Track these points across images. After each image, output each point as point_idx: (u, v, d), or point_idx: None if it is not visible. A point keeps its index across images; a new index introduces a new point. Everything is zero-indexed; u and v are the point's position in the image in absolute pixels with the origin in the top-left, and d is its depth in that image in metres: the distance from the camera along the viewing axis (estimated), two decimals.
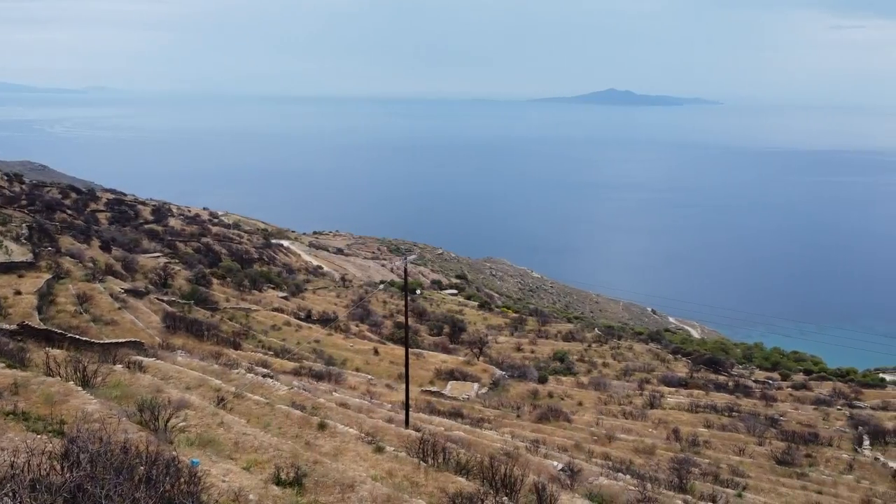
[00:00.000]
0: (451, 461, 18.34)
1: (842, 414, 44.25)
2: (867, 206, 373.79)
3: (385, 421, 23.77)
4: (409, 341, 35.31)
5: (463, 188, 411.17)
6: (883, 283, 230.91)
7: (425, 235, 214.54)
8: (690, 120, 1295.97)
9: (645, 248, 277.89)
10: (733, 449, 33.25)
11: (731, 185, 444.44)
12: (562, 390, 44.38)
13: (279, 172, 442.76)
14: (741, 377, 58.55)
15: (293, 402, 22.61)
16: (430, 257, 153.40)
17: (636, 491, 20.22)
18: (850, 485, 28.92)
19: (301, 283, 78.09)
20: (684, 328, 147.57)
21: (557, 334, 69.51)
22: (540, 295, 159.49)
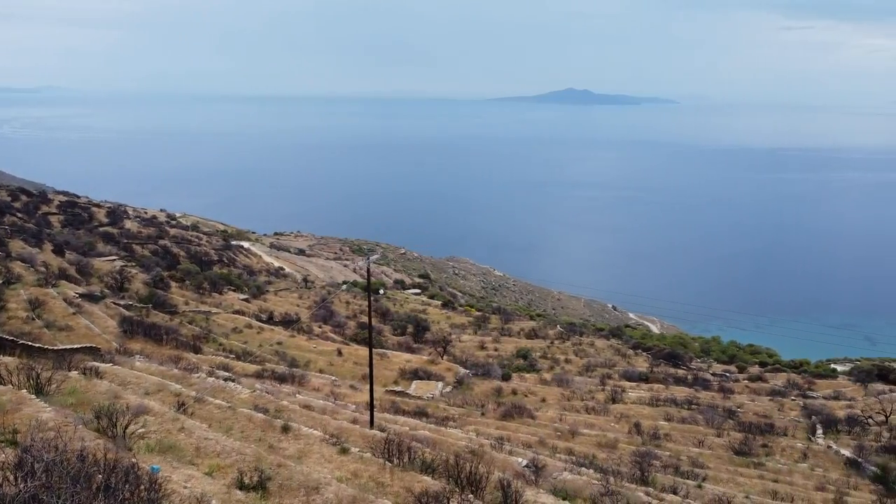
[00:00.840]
0: (416, 460, 18.35)
1: (796, 404, 45.50)
2: (817, 203, 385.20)
3: (350, 422, 23.64)
4: (373, 341, 35.14)
5: (425, 188, 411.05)
6: (833, 277, 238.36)
7: (388, 235, 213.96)
8: (648, 119, 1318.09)
9: (605, 245, 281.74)
10: (693, 441, 33.93)
11: (688, 183, 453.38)
12: (525, 387, 44.70)
13: (236, 173, 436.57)
14: (700, 371, 59.75)
15: (256, 406, 22.34)
16: (392, 257, 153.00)
17: (599, 485, 20.50)
18: (805, 473, 29.77)
19: (262, 284, 77.13)
20: (644, 324, 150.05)
21: (520, 332, 69.99)
22: (503, 293, 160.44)
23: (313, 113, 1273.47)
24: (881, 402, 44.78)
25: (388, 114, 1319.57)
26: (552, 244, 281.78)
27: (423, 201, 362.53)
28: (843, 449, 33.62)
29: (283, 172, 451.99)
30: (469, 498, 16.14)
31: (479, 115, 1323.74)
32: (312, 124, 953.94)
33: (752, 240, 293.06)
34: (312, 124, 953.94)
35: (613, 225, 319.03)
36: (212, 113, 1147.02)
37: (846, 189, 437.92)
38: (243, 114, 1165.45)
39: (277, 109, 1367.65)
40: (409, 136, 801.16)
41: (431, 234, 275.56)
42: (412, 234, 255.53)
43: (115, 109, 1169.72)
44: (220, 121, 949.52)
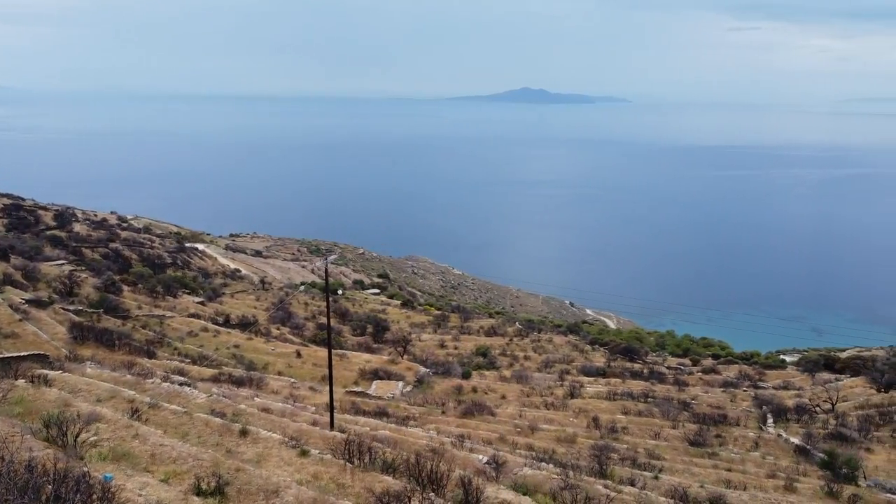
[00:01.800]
0: (377, 461, 18.31)
1: (747, 395, 46.78)
2: (766, 199, 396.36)
3: (309, 424, 23.45)
4: (332, 342, 34.91)
5: (383, 187, 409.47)
6: (781, 271, 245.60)
7: (346, 235, 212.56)
8: (602, 117, 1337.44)
9: (562, 243, 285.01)
10: (649, 433, 34.58)
11: (642, 181, 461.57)
12: (485, 385, 44.95)
13: (190, 174, 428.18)
14: (655, 364, 60.95)
15: (212, 410, 21.98)
16: (351, 257, 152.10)
17: (559, 479, 20.76)
18: (757, 461, 30.63)
19: (218, 287, 75.85)
20: (601, 319, 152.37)
21: (480, 330, 70.34)
22: (462, 291, 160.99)
23: (269, 112, 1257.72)
24: (828, 390, 46.36)
25: (345, 113, 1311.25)
26: (510, 242, 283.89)
27: (382, 201, 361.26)
28: (792, 437, 34.69)
29: (238, 173, 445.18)
30: (430, 496, 16.18)
31: (435, 115, 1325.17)
32: (268, 124, 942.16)
33: (705, 236, 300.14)
34: (268, 124, 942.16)
35: (570, 223, 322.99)
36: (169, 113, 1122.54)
37: (793, 185, 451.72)
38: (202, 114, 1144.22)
39: (232, 109, 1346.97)
40: (366, 135, 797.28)
41: (390, 233, 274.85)
42: (371, 233, 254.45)
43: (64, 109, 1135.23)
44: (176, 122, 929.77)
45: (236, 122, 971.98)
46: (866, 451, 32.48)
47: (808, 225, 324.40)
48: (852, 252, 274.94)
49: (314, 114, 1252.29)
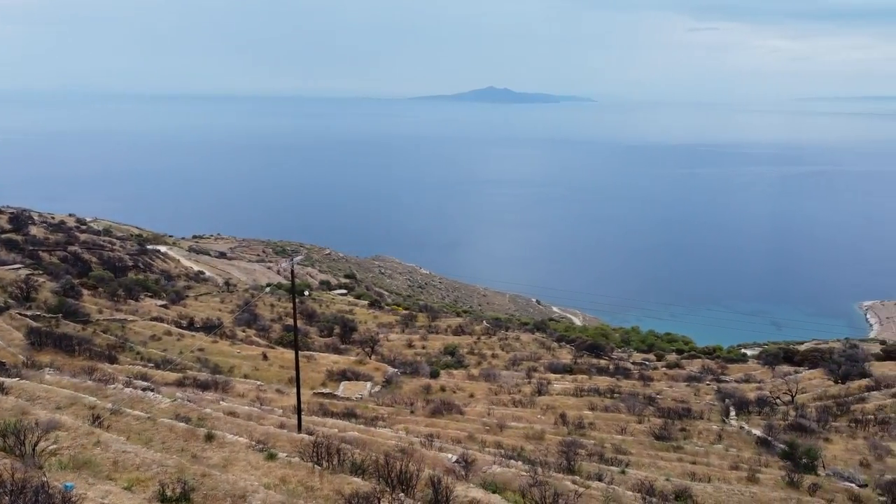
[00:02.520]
0: (346, 462, 18.22)
1: (710, 388, 47.68)
2: (725, 196, 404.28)
3: (277, 427, 23.22)
4: (299, 344, 34.59)
5: (349, 187, 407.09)
6: (741, 266, 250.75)
7: (312, 236, 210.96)
8: (566, 117, 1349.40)
9: (528, 241, 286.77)
10: (616, 428, 35.02)
11: (606, 179, 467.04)
12: (454, 383, 45.01)
13: (152, 175, 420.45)
14: (621, 360, 61.76)
15: (177, 415, 21.63)
16: (317, 258, 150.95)
17: (528, 476, 20.90)
18: (720, 453, 31.24)
19: (181, 289, 74.58)
20: (567, 316, 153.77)
21: (447, 329, 70.42)
22: (429, 291, 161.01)
23: (232, 112, 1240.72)
24: (787, 382, 47.50)
25: (312, 112, 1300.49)
26: (477, 241, 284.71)
27: (348, 201, 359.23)
28: (754, 429, 35.45)
29: (201, 173, 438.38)
30: (400, 497, 16.16)
31: (401, 114, 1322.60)
32: (232, 123, 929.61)
33: (668, 233, 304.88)
34: (232, 123, 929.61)
35: (536, 221, 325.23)
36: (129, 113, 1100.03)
37: (753, 183, 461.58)
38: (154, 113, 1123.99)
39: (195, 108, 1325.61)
40: (331, 134, 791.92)
41: (357, 233, 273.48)
42: (337, 234, 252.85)
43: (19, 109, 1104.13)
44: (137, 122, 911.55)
45: (198, 121, 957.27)
46: (825, 441, 33.35)
47: (768, 221, 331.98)
48: (810, 248, 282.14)
49: (279, 113, 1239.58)
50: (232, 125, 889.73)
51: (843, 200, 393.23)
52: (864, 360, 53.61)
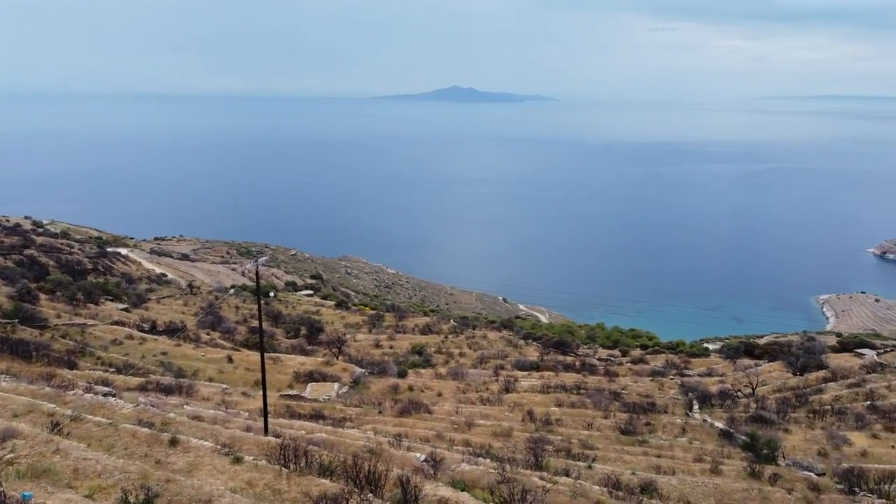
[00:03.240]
0: (313, 464, 18.10)
1: (674, 383, 48.50)
2: (687, 194, 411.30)
3: (243, 430, 22.96)
4: (265, 345, 34.22)
5: (314, 187, 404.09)
6: (703, 262, 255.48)
7: (277, 237, 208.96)
8: (530, 116, 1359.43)
9: (494, 239, 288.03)
10: (582, 424, 35.40)
11: (570, 178, 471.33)
12: (421, 383, 45.01)
13: (111, 175, 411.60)
14: (587, 356, 62.39)
15: (140, 420, 21.23)
16: (283, 259, 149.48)
17: (496, 473, 21.02)
18: (684, 446, 31.81)
19: (143, 292, 73.17)
20: (534, 314, 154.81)
21: (415, 328, 70.35)
22: (396, 290, 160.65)
23: (193, 111, 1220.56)
24: (748, 375, 48.59)
25: (276, 112, 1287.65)
26: (443, 240, 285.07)
27: (313, 201, 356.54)
28: (716, 422, 36.17)
29: (162, 174, 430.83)
30: (368, 497, 16.12)
31: (366, 113, 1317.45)
32: (193, 123, 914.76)
33: (632, 230, 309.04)
34: (193, 123, 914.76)
35: (502, 220, 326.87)
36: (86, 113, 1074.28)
37: (713, 181, 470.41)
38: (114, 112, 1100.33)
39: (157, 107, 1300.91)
40: (296, 134, 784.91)
41: (322, 234, 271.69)
42: (303, 234, 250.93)
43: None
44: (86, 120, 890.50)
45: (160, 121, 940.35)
46: (785, 432, 34.18)
47: (728, 218, 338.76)
48: (768, 243, 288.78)
49: (244, 112, 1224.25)
50: (195, 124, 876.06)
51: (800, 197, 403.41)
52: (821, 352, 55.08)
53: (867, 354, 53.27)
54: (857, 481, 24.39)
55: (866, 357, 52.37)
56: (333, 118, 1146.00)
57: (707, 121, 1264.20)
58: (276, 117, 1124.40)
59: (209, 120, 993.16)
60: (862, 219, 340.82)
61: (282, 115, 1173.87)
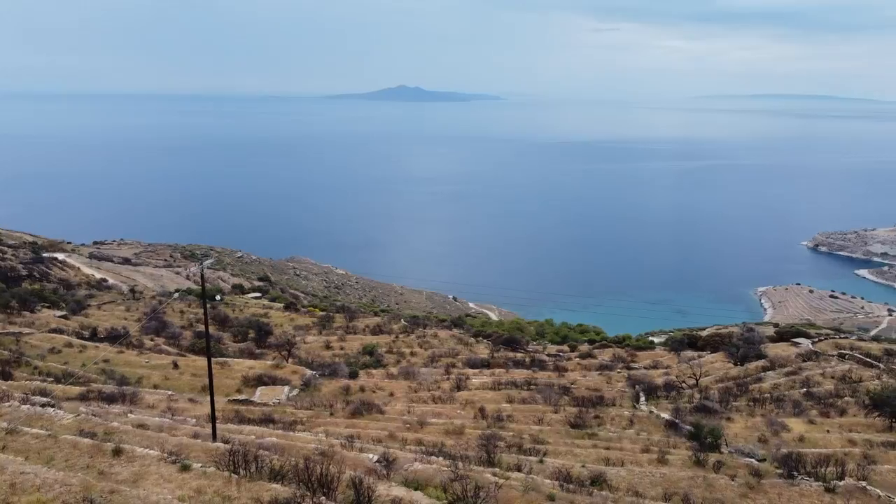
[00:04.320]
0: (264, 469, 17.86)
1: (622, 376, 49.51)
2: (631, 190, 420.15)
3: (190, 437, 22.47)
4: (212, 350, 33.47)
5: (260, 188, 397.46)
6: (647, 257, 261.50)
7: (223, 239, 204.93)
8: (477, 115, 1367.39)
9: (443, 238, 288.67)
10: (533, 419, 35.82)
11: (517, 176, 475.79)
12: (373, 383, 44.82)
13: (47, 178, 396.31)
14: (536, 353, 63.13)
15: (81, 430, 20.56)
16: (229, 261, 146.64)
17: (449, 471, 21.11)
18: (632, 438, 32.51)
19: (83, 299, 70.75)
20: (484, 312, 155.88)
21: (365, 329, 69.96)
22: (346, 291, 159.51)
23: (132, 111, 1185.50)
24: (692, 367, 49.98)
25: (219, 112, 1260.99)
26: (392, 240, 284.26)
27: (260, 202, 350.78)
28: (662, 413, 37.10)
29: (102, 176, 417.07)
30: (321, 500, 16.00)
31: (311, 113, 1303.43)
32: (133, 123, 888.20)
33: (578, 227, 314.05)
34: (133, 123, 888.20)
35: (451, 218, 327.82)
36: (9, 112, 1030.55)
37: (656, 177, 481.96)
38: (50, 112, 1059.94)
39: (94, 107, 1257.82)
40: (240, 134, 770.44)
41: (270, 235, 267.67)
42: (249, 236, 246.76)
43: None
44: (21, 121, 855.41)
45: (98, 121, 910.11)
46: (727, 421, 35.30)
47: (670, 214, 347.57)
48: (708, 238, 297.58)
49: (183, 112, 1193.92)
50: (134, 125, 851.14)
51: (738, 192, 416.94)
52: (760, 342, 57.05)
53: (803, 343, 55.41)
54: (796, 466, 25.37)
55: (802, 346, 54.47)
56: (279, 117, 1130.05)
57: (649, 119, 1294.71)
58: (220, 116, 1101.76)
59: (149, 119, 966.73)
60: (796, 213, 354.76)
61: (226, 115, 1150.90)
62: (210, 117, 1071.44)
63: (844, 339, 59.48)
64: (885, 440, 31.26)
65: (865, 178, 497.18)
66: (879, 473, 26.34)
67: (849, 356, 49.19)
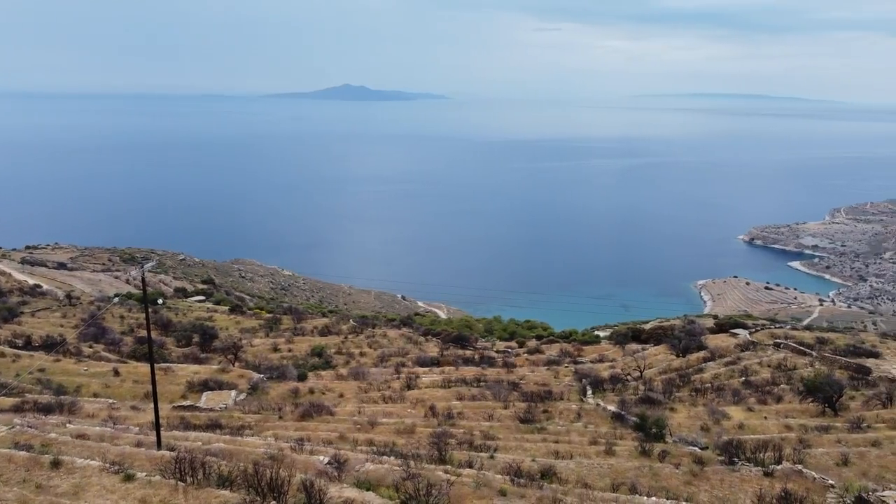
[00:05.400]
0: (212, 476, 17.52)
1: (569, 370, 50.34)
2: (574, 188, 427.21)
3: (133, 446, 21.85)
4: (155, 355, 32.55)
5: (204, 189, 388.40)
6: (591, 253, 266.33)
7: (165, 241, 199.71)
8: (422, 114, 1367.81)
9: (391, 237, 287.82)
10: (483, 416, 36.09)
11: (464, 174, 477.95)
12: (322, 385, 44.40)
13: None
14: (485, 350, 63.59)
15: (16, 443, 19.77)
16: (171, 264, 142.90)
17: (401, 470, 21.11)
18: (580, 431, 33.09)
19: (15, 306, 67.85)
20: (432, 310, 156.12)
21: (314, 330, 69.20)
22: (293, 292, 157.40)
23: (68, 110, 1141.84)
24: (636, 359, 51.16)
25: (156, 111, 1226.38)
26: (340, 240, 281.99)
27: (203, 203, 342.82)
28: (609, 405, 37.87)
29: (35, 177, 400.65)
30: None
31: (256, 112, 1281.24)
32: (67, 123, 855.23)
33: (524, 224, 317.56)
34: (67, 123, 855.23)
35: (398, 217, 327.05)
36: None
37: (598, 175, 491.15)
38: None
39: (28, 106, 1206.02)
40: (180, 134, 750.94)
41: (214, 237, 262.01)
42: (192, 238, 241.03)
43: None
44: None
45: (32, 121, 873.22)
46: (670, 411, 36.29)
47: (612, 210, 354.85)
48: (650, 233, 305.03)
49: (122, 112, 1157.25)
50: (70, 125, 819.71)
51: (677, 189, 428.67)
52: (700, 334, 58.81)
53: (741, 334, 57.35)
54: (736, 452, 26.29)
55: (740, 336, 56.38)
56: (221, 117, 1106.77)
57: (591, 118, 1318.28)
58: (160, 116, 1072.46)
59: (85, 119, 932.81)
60: (732, 208, 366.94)
61: (165, 115, 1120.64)
62: (149, 117, 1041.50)
63: (779, 328, 61.81)
64: (818, 424, 32.65)
65: (796, 174, 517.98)
66: (814, 456, 27.51)
67: (784, 345, 51.15)
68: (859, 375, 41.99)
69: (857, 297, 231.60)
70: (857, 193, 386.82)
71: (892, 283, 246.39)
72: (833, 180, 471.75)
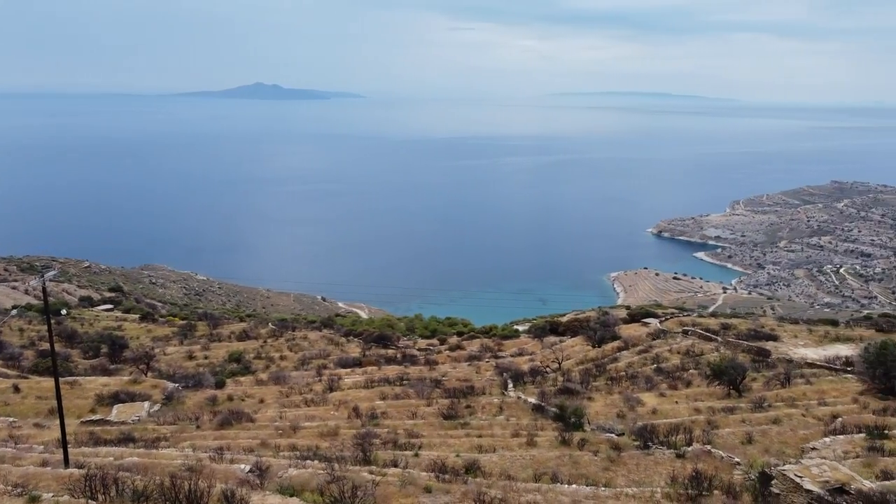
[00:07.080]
0: (126, 492, 16.86)
1: (490, 365, 51.10)
2: (490, 185, 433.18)
3: (38, 465, 20.72)
4: (60, 369, 30.84)
5: (107, 192, 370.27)
6: (508, 248, 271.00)
7: (66, 248, 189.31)
8: (337, 113, 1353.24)
9: (307, 238, 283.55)
10: (407, 414, 36.17)
11: (379, 173, 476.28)
12: (242, 391, 43.34)
13: None
14: (407, 348, 63.69)
15: None
16: (75, 272, 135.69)
17: (325, 473, 20.91)
18: (503, 424, 33.68)
19: None
20: (354, 311, 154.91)
21: (231, 335, 67.39)
22: (208, 297, 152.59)
23: None
24: (555, 352, 52.54)
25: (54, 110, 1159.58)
26: (255, 242, 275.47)
27: (107, 208, 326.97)
28: (529, 397, 38.71)
29: None
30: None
31: (161, 111, 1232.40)
32: None
33: (442, 222, 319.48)
34: None
35: (315, 217, 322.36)
36: None
37: (513, 172, 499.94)
38: None
39: None
40: (82, 134, 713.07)
41: (120, 242, 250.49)
42: (97, 244, 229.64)
43: None
44: None
45: None
46: (588, 400, 37.46)
47: (528, 207, 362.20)
48: (564, 228, 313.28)
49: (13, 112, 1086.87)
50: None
51: (588, 185, 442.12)
52: (614, 324, 60.92)
53: (652, 323, 59.81)
54: (650, 436, 27.46)
55: (651, 325, 58.79)
56: (125, 116, 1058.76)
57: (506, 116, 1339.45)
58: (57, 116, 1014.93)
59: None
60: (641, 202, 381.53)
61: (63, 114, 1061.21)
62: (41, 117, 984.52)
63: (687, 316, 64.85)
64: (724, 406, 34.50)
65: (698, 169, 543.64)
66: (721, 437, 29.07)
67: (691, 332, 53.69)
68: (760, 358, 44.60)
69: (756, 283, 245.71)
70: (753, 186, 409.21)
71: (787, 270, 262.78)
72: (732, 174, 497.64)
